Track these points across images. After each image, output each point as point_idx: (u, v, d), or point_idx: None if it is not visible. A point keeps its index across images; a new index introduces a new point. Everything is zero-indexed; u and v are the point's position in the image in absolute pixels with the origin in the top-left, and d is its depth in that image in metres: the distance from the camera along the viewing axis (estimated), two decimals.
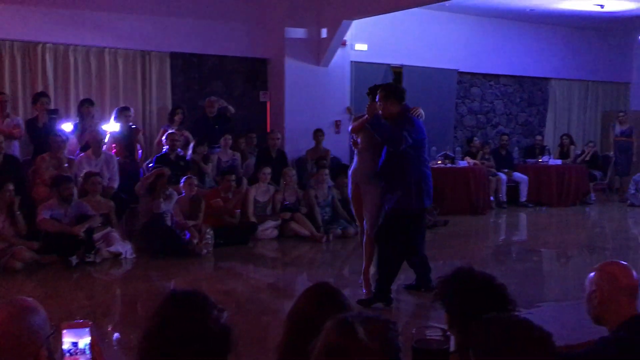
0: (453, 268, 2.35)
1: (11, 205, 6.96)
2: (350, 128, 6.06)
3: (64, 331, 1.83)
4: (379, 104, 5.58)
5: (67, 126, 8.51)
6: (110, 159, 8.34)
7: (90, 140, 8.33)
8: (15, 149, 8.25)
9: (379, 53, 11.60)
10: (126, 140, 8.92)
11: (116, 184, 8.25)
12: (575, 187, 12.38)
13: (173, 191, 7.93)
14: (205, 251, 7.61)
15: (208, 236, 7.73)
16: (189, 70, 10.32)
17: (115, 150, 8.79)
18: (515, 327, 1.64)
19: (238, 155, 9.71)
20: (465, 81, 13.25)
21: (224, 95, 10.47)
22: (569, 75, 14.35)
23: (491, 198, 11.67)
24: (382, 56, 11.69)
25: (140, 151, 9.24)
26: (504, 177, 11.95)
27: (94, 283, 6.63)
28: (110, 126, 8.82)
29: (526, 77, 14.00)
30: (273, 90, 10.82)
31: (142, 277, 6.81)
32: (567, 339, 2.92)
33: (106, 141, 8.59)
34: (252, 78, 10.85)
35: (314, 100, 10.62)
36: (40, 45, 9.01)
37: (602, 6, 11.73)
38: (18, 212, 7.00)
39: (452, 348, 2.14)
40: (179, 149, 8.94)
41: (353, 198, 5.93)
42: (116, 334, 5.04)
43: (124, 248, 7.36)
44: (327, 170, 9.35)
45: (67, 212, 7.15)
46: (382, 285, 5.56)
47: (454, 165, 11.36)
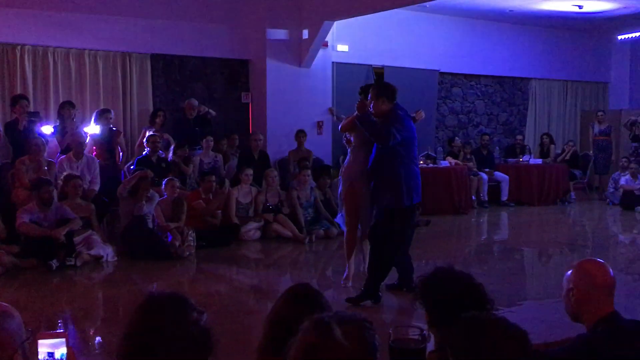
0: (433, 267, 2.37)
1: None
2: (340, 126, 6.11)
3: (40, 341, 1.82)
4: (370, 102, 5.64)
5: (47, 129, 8.44)
6: (91, 162, 8.28)
7: (71, 142, 8.27)
8: None
9: (361, 54, 11.63)
10: (107, 142, 8.86)
11: (97, 187, 8.20)
12: (555, 186, 12.51)
13: (155, 193, 7.89)
14: (187, 253, 7.58)
15: (190, 238, 7.70)
16: (170, 71, 10.27)
17: (95, 152, 8.73)
18: (491, 326, 1.66)
19: (220, 156, 9.69)
20: (446, 81, 13.33)
21: (206, 96, 10.45)
22: (549, 75, 14.49)
23: (473, 197, 11.75)
24: (364, 57, 11.73)
25: (121, 154, 9.18)
26: (485, 177, 12.03)
27: (75, 287, 6.57)
28: (90, 128, 8.76)
29: (506, 77, 14.12)
30: (255, 91, 10.81)
31: (124, 281, 6.76)
32: (548, 337, 2.96)
33: (86, 144, 8.53)
34: (234, 79, 10.83)
35: (296, 101, 10.63)
36: (18, 47, 8.93)
37: (581, 7, 11.87)
38: None
39: (432, 347, 2.16)
40: (160, 151, 8.90)
41: (347, 196, 5.88)
42: (98, 338, 5.01)
43: (105, 251, 7.30)
44: (310, 171, 9.35)
45: (47, 216, 7.09)
46: (372, 283, 5.61)
47: (436, 165, 11.42)
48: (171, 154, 9.12)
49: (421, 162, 11.34)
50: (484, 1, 11.74)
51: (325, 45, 10.77)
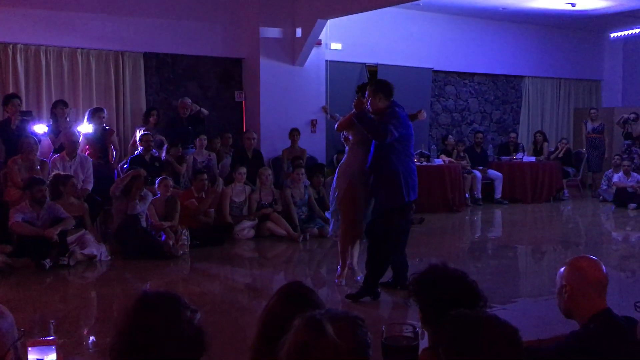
0: (426, 265, 2.37)
1: None
2: (336, 125, 6.11)
3: (29, 348, 1.81)
4: (367, 99, 5.68)
5: (40, 128, 8.41)
6: (84, 161, 8.26)
7: (65, 142, 8.24)
8: None
9: (354, 52, 11.63)
10: (100, 141, 8.84)
11: (90, 186, 8.17)
12: (548, 184, 12.55)
13: (148, 192, 7.88)
14: (181, 252, 7.56)
15: (184, 237, 7.68)
16: (163, 70, 10.25)
17: (88, 151, 8.71)
18: (481, 324, 1.66)
19: (214, 155, 9.67)
20: (439, 79, 13.34)
21: (199, 95, 10.43)
22: (542, 73, 14.53)
23: (466, 195, 11.78)
24: (357, 55, 11.73)
25: (114, 152, 9.15)
26: (479, 175, 12.06)
27: (68, 286, 6.56)
28: (83, 127, 8.73)
29: (500, 75, 14.15)
30: (248, 90, 10.80)
31: (117, 280, 6.74)
32: (541, 334, 2.96)
33: (80, 143, 8.49)
34: (227, 78, 10.81)
35: (290, 99, 10.62)
36: (11, 45, 8.88)
37: (574, 4, 11.90)
38: None
39: (426, 344, 2.16)
40: (154, 150, 8.88)
41: (345, 194, 5.87)
42: (91, 337, 4.99)
43: (99, 250, 7.28)
44: (303, 169, 9.35)
45: (40, 215, 7.07)
46: (371, 279, 5.66)
47: (430, 163, 11.43)
48: (164, 154, 9.11)
49: (415, 160, 11.36)
50: None
51: (318, 43, 10.77)
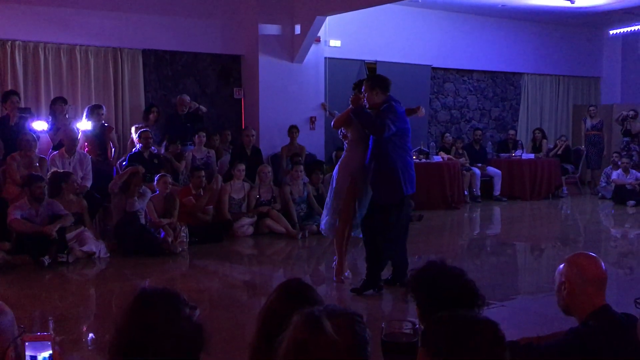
0: (425, 262, 2.37)
1: None
2: (333, 122, 6.12)
3: (26, 343, 1.81)
4: (364, 95, 5.70)
5: (39, 125, 8.40)
6: (83, 158, 8.25)
7: (64, 139, 8.23)
8: None
9: (353, 49, 11.62)
10: (98, 138, 8.83)
11: (89, 183, 8.17)
12: (547, 181, 12.55)
13: (147, 189, 7.87)
14: (180, 249, 7.56)
15: (183, 234, 7.68)
16: (162, 67, 10.24)
17: (87, 148, 8.70)
18: (465, 325, 1.66)
19: (212, 152, 9.67)
20: (438, 77, 13.34)
21: (198, 92, 10.42)
22: (541, 70, 14.52)
23: (465, 192, 11.78)
24: (356, 52, 11.71)
25: (113, 149, 9.15)
26: (478, 172, 12.07)
27: (67, 283, 6.56)
28: (82, 124, 8.73)
29: (499, 72, 14.14)
30: (247, 87, 10.79)
31: (116, 277, 6.74)
32: (540, 331, 2.97)
33: (79, 140, 8.49)
34: (226, 75, 10.79)
35: (289, 96, 10.61)
36: (9, 42, 8.86)
37: (573, 1, 11.89)
38: None
39: None
40: (153, 147, 8.88)
41: (348, 191, 5.87)
42: (90, 334, 5.00)
43: (98, 247, 7.28)
44: (302, 166, 9.35)
45: (39, 212, 7.06)
46: (373, 272, 5.71)
47: (429, 160, 11.44)
48: (163, 149, 9.10)
49: (414, 157, 11.37)
50: None
51: (317, 40, 10.76)
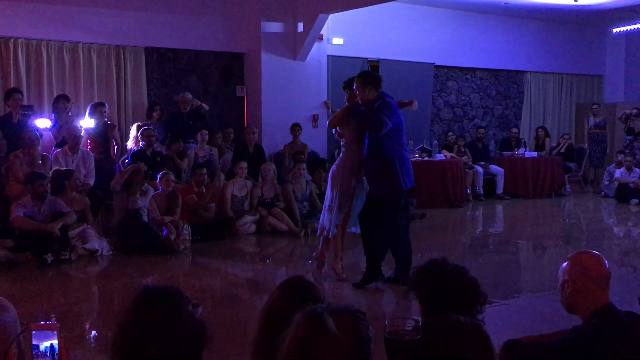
0: (427, 259, 2.37)
1: None
2: (328, 122, 6.13)
3: (33, 332, 1.81)
4: (356, 92, 5.71)
5: (42, 122, 8.40)
6: (86, 156, 8.26)
7: (67, 136, 8.23)
8: None
9: (356, 47, 11.61)
10: (101, 136, 8.84)
11: (92, 181, 8.18)
12: (550, 179, 12.53)
13: (149, 187, 7.87)
14: (182, 247, 7.56)
15: (185, 232, 7.68)
16: (165, 65, 10.24)
17: (90, 146, 8.71)
18: (448, 328, 1.66)
19: (215, 150, 9.66)
20: (441, 75, 13.32)
21: (200, 90, 10.43)
22: (544, 68, 14.49)
23: (468, 191, 11.76)
24: (359, 50, 11.70)
25: (115, 147, 9.15)
26: (481, 170, 12.05)
27: (70, 281, 6.56)
28: (85, 122, 8.73)
29: (502, 71, 14.12)
30: (249, 85, 10.78)
31: (119, 274, 6.75)
32: (543, 329, 2.96)
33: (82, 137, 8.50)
34: (228, 73, 10.80)
35: (291, 94, 10.61)
36: (12, 40, 8.87)
37: None
38: None
39: None
40: (155, 145, 8.88)
41: (349, 191, 5.91)
42: (93, 332, 5.00)
43: (100, 245, 7.29)
44: (305, 164, 9.35)
45: (42, 210, 7.07)
46: (372, 265, 5.79)
47: (431, 158, 11.43)
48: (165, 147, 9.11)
49: (416, 156, 11.37)
50: None
51: (320, 38, 10.75)
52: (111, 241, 7.51)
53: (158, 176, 8.09)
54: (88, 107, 8.87)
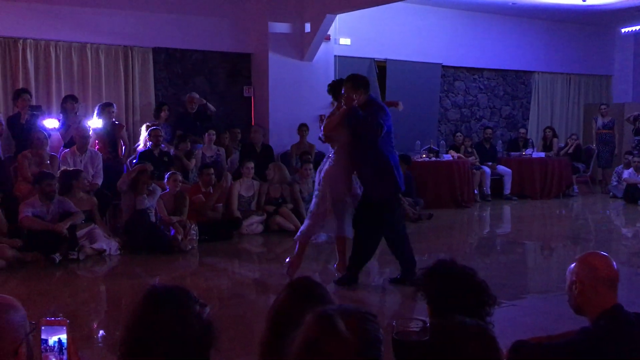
0: (435, 260, 2.36)
1: None
2: (323, 127, 6.01)
3: (42, 327, 1.82)
4: (345, 96, 5.70)
5: (52, 122, 8.44)
6: (95, 156, 8.29)
7: (76, 136, 8.27)
8: None
9: (363, 47, 11.60)
10: (109, 136, 8.87)
11: (100, 181, 8.21)
12: (558, 180, 12.49)
13: (156, 187, 7.88)
14: (190, 247, 7.58)
15: (193, 232, 7.70)
16: (172, 65, 10.27)
17: (98, 146, 8.73)
18: (452, 330, 1.66)
19: (222, 150, 9.68)
20: (449, 75, 13.29)
21: (208, 90, 10.44)
22: (552, 68, 14.44)
23: (475, 191, 11.74)
24: (366, 50, 11.70)
25: (123, 147, 9.18)
26: (488, 170, 12.02)
27: (78, 280, 6.59)
28: (93, 122, 8.76)
29: (509, 71, 14.08)
30: (257, 85, 10.79)
31: (126, 274, 6.77)
32: (551, 330, 2.95)
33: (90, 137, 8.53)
34: (236, 73, 10.81)
35: (298, 95, 10.60)
36: (20, 40, 8.92)
37: None
38: None
39: None
40: (163, 145, 8.91)
41: (341, 197, 5.91)
42: (101, 332, 5.02)
43: (108, 245, 7.31)
44: (312, 165, 9.34)
45: (50, 210, 7.09)
46: (358, 267, 5.86)
47: (439, 158, 11.41)
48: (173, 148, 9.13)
49: (424, 156, 11.36)
50: None
51: (327, 38, 10.75)
52: (119, 241, 7.53)
53: (165, 176, 8.12)
54: (96, 108, 8.90)
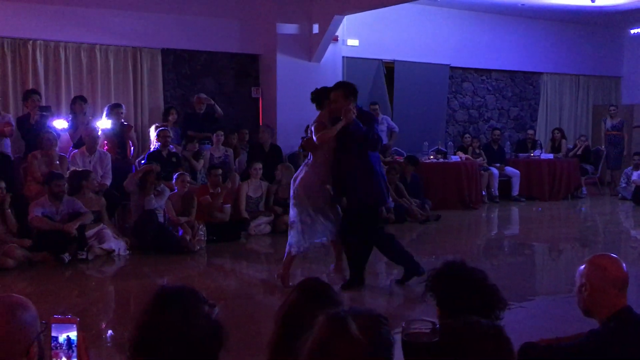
0: (444, 261, 2.35)
1: (2, 202, 6.93)
2: (317, 139, 5.83)
3: (53, 325, 1.84)
4: (332, 104, 5.67)
5: (61, 123, 8.48)
6: (104, 157, 8.32)
7: (85, 137, 8.30)
8: (6, 147, 8.21)
9: (371, 48, 11.60)
10: (118, 137, 8.90)
11: (109, 181, 8.24)
12: (566, 181, 12.44)
13: (165, 187, 7.90)
14: (198, 247, 7.60)
15: (201, 232, 7.72)
16: (180, 66, 10.30)
17: (107, 147, 8.77)
18: (465, 330, 1.66)
19: (230, 151, 9.70)
20: (457, 76, 13.27)
21: (216, 91, 10.47)
22: (560, 69, 14.39)
23: (483, 192, 11.70)
24: (374, 51, 11.69)
25: (132, 148, 9.21)
26: (496, 172, 11.99)
27: (87, 280, 6.62)
28: (101, 123, 8.80)
29: (518, 72, 14.04)
30: (265, 86, 10.81)
31: (135, 274, 6.79)
32: (559, 332, 2.95)
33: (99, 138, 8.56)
34: (244, 74, 10.83)
35: (306, 96, 10.43)
36: (30, 42, 8.97)
37: (594, 0, 11.77)
38: (8, 210, 6.96)
39: None
40: (171, 146, 8.93)
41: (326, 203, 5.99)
42: (109, 331, 5.03)
43: (117, 245, 7.34)
44: None
45: (59, 210, 7.12)
46: (359, 270, 5.87)
47: (446, 160, 11.39)
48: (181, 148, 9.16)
49: (431, 157, 11.34)
50: None
51: (335, 39, 10.76)
52: (127, 241, 7.56)
53: (174, 177, 8.14)
54: (105, 108, 8.94)
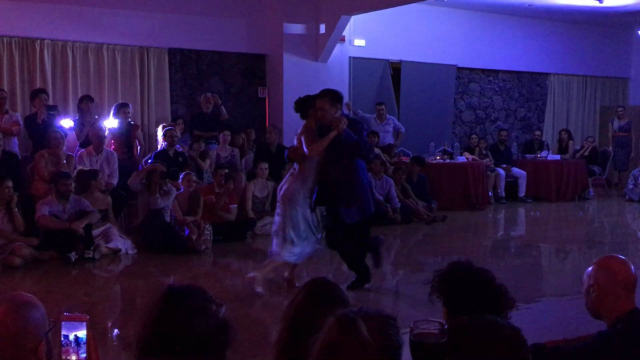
0: (450, 262, 2.34)
1: (10, 201, 6.95)
2: (308, 151, 5.57)
3: (62, 323, 1.84)
4: (319, 110, 5.53)
5: (67, 122, 8.51)
6: (110, 156, 8.34)
7: (92, 136, 8.33)
8: (14, 146, 8.25)
9: (378, 49, 11.59)
10: (125, 136, 8.92)
11: (115, 181, 8.26)
12: (573, 182, 12.39)
13: (172, 187, 7.91)
14: (204, 247, 7.60)
15: (207, 232, 7.72)
16: (187, 66, 10.32)
17: (114, 146, 8.79)
18: (480, 330, 1.65)
19: (237, 151, 9.71)
20: (463, 76, 13.25)
21: (222, 91, 10.48)
22: (568, 70, 14.35)
23: (490, 193, 11.68)
24: (381, 52, 11.69)
25: (139, 147, 9.24)
26: (503, 173, 11.96)
27: (93, 279, 6.64)
28: (108, 122, 8.82)
29: (525, 73, 14.00)
30: (271, 86, 10.82)
31: (141, 273, 6.81)
32: (567, 333, 2.94)
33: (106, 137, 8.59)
34: (251, 74, 10.84)
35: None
36: (38, 41, 9.00)
37: (601, 1, 11.73)
38: (15, 209, 6.99)
39: None
40: (177, 145, 8.95)
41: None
42: (115, 330, 5.05)
43: (124, 244, 7.35)
44: None
45: (66, 209, 7.15)
46: (362, 270, 5.88)
47: (453, 160, 11.37)
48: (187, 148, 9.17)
49: (438, 158, 11.33)
50: None
51: (342, 39, 10.76)
52: (134, 240, 7.57)
53: (180, 176, 8.15)
54: (112, 108, 8.97)
